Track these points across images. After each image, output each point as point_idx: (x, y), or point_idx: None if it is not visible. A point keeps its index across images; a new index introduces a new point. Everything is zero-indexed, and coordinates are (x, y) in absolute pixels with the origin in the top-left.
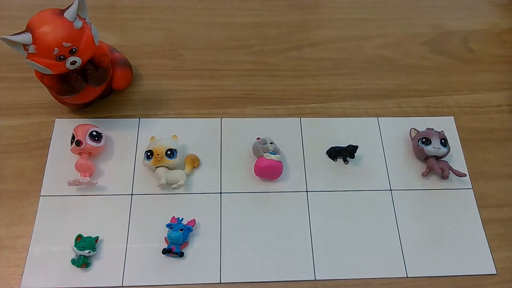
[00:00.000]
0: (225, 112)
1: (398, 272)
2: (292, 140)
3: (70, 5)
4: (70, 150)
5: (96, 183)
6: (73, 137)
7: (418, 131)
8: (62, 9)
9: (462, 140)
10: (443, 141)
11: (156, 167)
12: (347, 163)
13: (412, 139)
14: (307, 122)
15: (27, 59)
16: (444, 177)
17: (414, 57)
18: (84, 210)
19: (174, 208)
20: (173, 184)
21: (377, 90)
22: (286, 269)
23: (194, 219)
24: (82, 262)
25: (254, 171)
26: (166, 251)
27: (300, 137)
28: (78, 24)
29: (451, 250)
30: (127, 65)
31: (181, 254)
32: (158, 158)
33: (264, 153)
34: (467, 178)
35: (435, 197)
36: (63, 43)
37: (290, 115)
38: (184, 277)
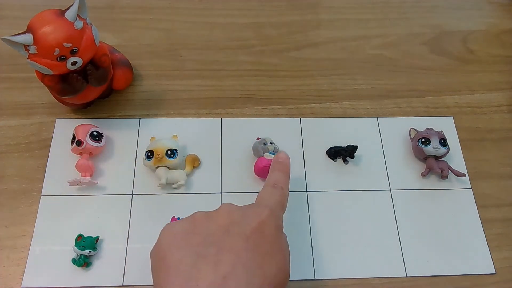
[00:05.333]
0: (225, 112)
1: (398, 271)
2: (292, 140)
3: (71, 6)
4: (71, 150)
5: (97, 183)
6: (73, 137)
7: (417, 131)
8: (62, 10)
9: (461, 140)
10: (442, 141)
11: (157, 167)
12: (347, 163)
13: (412, 139)
14: (307, 122)
15: (28, 60)
16: (443, 177)
17: (414, 57)
18: (84, 210)
19: (174, 208)
20: (173, 184)
21: (376, 90)
22: None
23: None
24: (83, 262)
25: (254, 171)
26: None
27: (300, 137)
28: (79, 24)
29: (450, 249)
30: (127, 65)
31: None
32: (159, 158)
33: (264, 153)
34: (467, 178)
35: (435, 197)
36: (64, 43)
37: (290, 115)
38: None
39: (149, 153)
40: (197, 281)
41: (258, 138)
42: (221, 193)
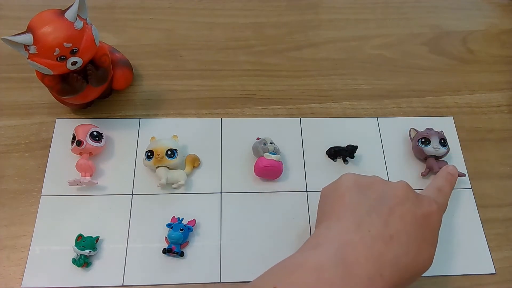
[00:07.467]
0: (225, 112)
1: None
2: (292, 140)
3: (71, 6)
4: (71, 150)
5: (97, 183)
6: (73, 137)
7: (417, 131)
8: (62, 10)
9: (461, 140)
10: (442, 141)
11: (157, 167)
12: (347, 163)
13: (412, 139)
14: (307, 122)
15: (28, 60)
16: None
17: (413, 57)
18: (84, 210)
19: (174, 208)
20: (173, 184)
21: (376, 90)
22: None
23: (194, 219)
24: (83, 262)
25: (254, 171)
26: (166, 251)
27: (300, 137)
28: (79, 24)
29: (450, 249)
30: (127, 65)
31: (181, 254)
32: (159, 158)
33: (264, 153)
34: (466, 178)
35: None
36: (64, 43)
37: (290, 115)
38: (185, 277)
39: (149, 153)
40: (370, 227)
41: (258, 138)
42: (221, 193)
